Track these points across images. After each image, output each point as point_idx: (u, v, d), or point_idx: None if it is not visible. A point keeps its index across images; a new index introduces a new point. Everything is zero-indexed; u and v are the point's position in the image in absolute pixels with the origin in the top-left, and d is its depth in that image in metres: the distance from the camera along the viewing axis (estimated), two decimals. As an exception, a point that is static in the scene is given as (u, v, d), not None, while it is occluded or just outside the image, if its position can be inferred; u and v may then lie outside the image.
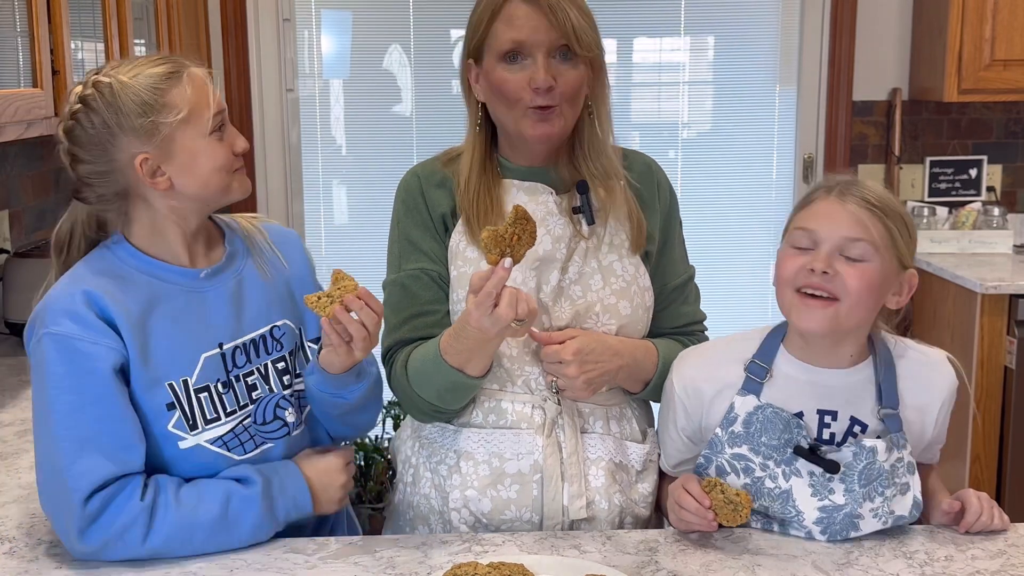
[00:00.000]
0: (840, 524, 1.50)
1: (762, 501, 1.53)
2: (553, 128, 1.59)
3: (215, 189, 1.50)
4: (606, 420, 1.67)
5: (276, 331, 1.58)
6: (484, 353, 1.54)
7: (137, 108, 1.43)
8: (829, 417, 1.51)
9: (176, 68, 1.47)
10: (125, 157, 1.44)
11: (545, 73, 1.55)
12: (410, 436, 1.74)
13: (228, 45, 3.61)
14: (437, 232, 1.66)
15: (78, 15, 2.34)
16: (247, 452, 1.52)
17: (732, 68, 3.84)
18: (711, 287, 1.77)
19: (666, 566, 1.44)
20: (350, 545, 1.52)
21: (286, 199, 3.78)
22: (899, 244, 1.45)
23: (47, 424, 1.40)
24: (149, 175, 1.45)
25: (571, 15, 1.55)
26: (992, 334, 3.22)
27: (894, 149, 3.74)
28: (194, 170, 1.47)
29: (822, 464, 1.47)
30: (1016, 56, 3.43)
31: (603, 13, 1.65)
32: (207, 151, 1.47)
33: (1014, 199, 3.85)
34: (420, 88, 3.72)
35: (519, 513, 1.62)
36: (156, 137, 1.44)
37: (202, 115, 1.46)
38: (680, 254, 1.77)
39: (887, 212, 1.45)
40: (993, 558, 1.47)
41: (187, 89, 1.45)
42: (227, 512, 1.45)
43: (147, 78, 1.44)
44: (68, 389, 1.39)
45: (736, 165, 3.79)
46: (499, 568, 1.35)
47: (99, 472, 1.39)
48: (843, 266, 1.43)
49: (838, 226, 1.44)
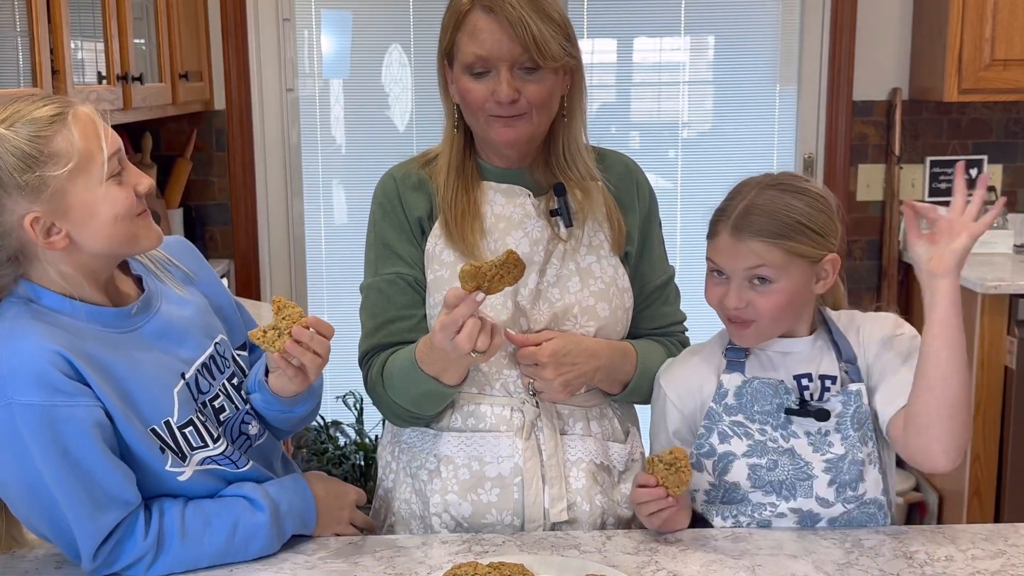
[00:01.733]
0: (848, 473, 1.55)
1: (769, 456, 1.57)
2: (520, 133, 1.57)
3: (121, 240, 1.37)
4: (586, 421, 1.66)
5: (219, 347, 1.52)
6: (458, 366, 1.54)
7: (18, 163, 1.27)
8: (805, 380, 1.59)
9: (60, 109, 1.31)
10: (13, 218, 1.30)
11: (508, 87, 1.53)
12: (390, 441, 1.74)
13: (228, 45, 3.61)
14: (414, 236, 1.65)
15: (78, 15, 2.34)
16: (240, 468, 1.50)
17: (732, 68, 3.84)
18: (708, 286, 1.78)
19: (666, 566, 1.44)
20: (350, 545, 1.52)
21: (286, 199, 3.78)
22: (805, 251, 1.52)
23: (41, 490, 1.32)
24: (43, 235, 1.31)
25: (532, 27, 1.50)
26: (992, 334, 3.22)
27: (894, 149, 3.73)
28: (94, 223, 1.33)
29: (812, 414, 1.55)
30: (1016, 56, 3.42)
31: (603, 13, 1.65)
32: (106, 200, 1.33)
33: (1014, 199, 3.85)
34: (420, 88, 3.72)
35: (500, 517, 1.61)
36: (45, 192, 1.29)
37: (94, 161, 1.31)
38: (660, 254, 1.76)
39: (786, 231, 1.52)
40: (993, 558, 1.47)
41: (73, 133, 1.30)
42: (234, 539, 1.44)
43: (26, 125, 1.28)
44: (53, 457, 1.30)
45: (736, 165, 3.78)
46: (499, 568, 1.35)
47: (106, 524, 1.36)
48: (752, 293, 1.53)
49: (738, 262, 1.53)
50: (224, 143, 3.66)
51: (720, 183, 1.68)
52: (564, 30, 1.56)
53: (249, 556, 1.46)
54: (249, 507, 1.46)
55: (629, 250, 1.69)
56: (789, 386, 1.58)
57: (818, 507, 1.57)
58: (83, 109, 1.34)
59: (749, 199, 1.56)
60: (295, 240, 3.80)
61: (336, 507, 1.56)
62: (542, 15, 1.52)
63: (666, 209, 4.23)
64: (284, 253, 3.79)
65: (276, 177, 3.76)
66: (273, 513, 1.47)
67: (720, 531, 1.57)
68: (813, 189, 1.58)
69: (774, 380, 1.57)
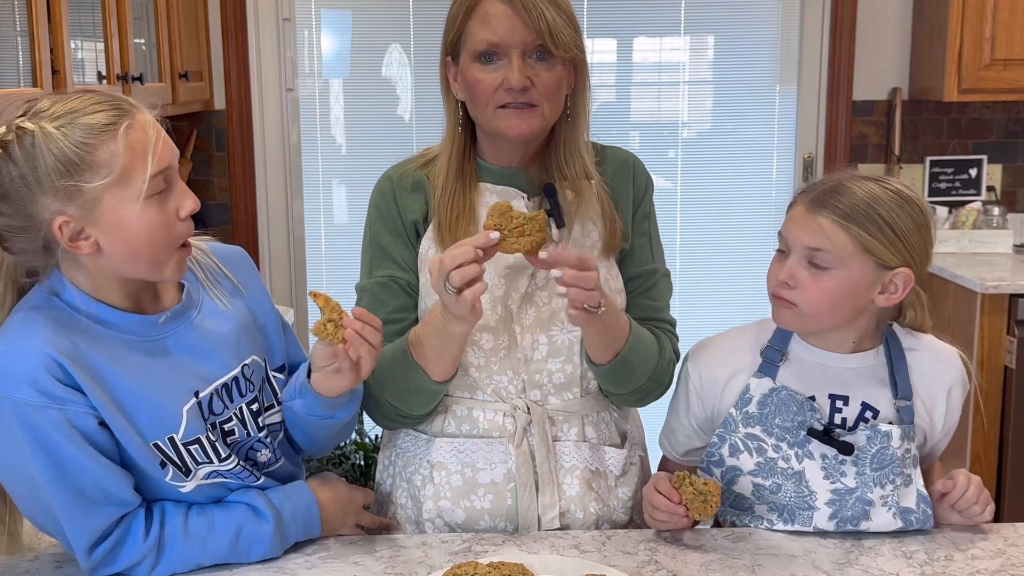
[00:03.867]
0: (851, 509, 1.51)
1: (775, 479, 1.54)
2: (532, 126, 1.55)
3: (144, 263, 1.34)
4: (581, 427, 1.64)
5: (246, 369, 1.48)
6: (446, 344, 1.50)
7: (58, 166, 1.26)
8: (841, 402, 1.53)
9: (116, 118, 1.28)
10: (45, 215, 1.29)
11: (520, 74, 1.51)
12: (386, 445, 1.73)
13: (228, 45, 3.61)
14: (408, 238, 1.64)
15: (78, 15, 2.34)
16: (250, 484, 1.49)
17: (732, 68, 3.84)
18: (710, 286, 1.76)
19: (666, 566, 1.44)
20: (350, 545, 1.52)
21: (286, 199, 3.78)
22: (875, 248, 1.45)
23: (33, 486, 1.33)
24: (69, 239, 1.29)
25: (547, 14, 1.50)
26: (992, 334, 3.22)
27: (894, 149, 3.73)
28: (122, 237, 1.31)
29: (836, 445, 1.50)
30: (1016, 56, 3.43)
31: (603, 13, 1.64)
32: (139, 220, 1.30)
33: (1014, 199, 3.85)
34: (420, 88, 3.72)
35: (493, 523, 1.61)
36: (78, 199, 1.27)
37: (135, 177, 1.29)
38: (646, 246, 1.69)
39: (862, 219, 1.45)
40: (993, 558, 1.47)
41: (120, 146, 1.27)
42: (237, 545, 1.44)
43: (76, 129, 1.26)
44: (44, 456, 1.30)
45: (736, 165, 3.79)
46: (499, 568, 1.35)
47: (97, 524, 1.36)
48: (806, 275, 1.48)
49: (802, 236, 1.48)
50: (224, 143, 3.66)
51: (720, 183, 1.67)
52: (573, 23, 1.56)
53: (251, 560, 1.46)
54: (253, 515, 1.45)
55: (625, 247, 1.67)
56: (818, 404, 1.52)
57: (814, 535, 1.54)
58: (141, 119, 1.31)
59: (841, 180, 1.50)
60: (295, 240, 3.80)
61: (341, 512, 1.55)
62: (554, 5, 1.52)
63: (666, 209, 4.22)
64: (284, 253, 3.79)
65: (276, 177, 3.76)
66: (277, 521, 1.46)
67: (720, 531, 1.56)
68: (914, 197, 1.49)
69: (801, 397, 1.52)
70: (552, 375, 1.61)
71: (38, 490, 1.33)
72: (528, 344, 1.60)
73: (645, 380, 1.61)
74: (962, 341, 3.30)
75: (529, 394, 1.61)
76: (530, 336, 1.60)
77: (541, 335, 1.61)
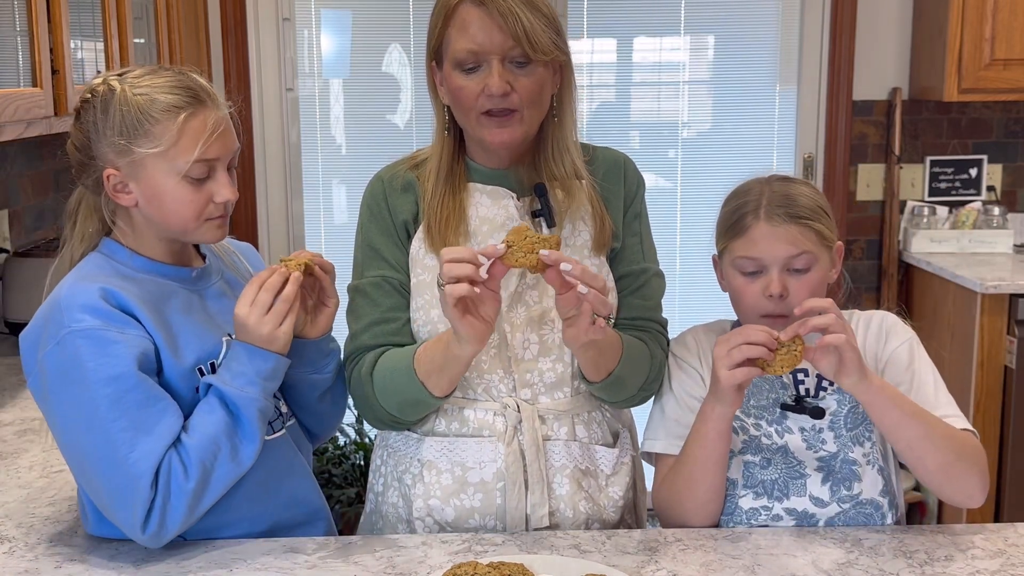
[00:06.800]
0: (840, 472, 1.56)
1: (763, 455, 1.58)
2: (514, 133, 1.56)
3: (176, 230, 1.49)
4: (571, 426, 1.64)
5: None
6: (447, 362, 1.52)
7: (120, 125, 1.42)
8: (801, 375, 1.60)
9: (185, 102, 1.43)
10: (99, 163, 1.46)
11: (500, 80, 1.52)
12: (379, 445, 1.74)
13: (228, 45, 3.61)
14: (400, 239, 1.65)
15: (78, 15, 2.34)
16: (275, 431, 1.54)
17: (732, 68, 3.84)
18: (710, 286, 1.75)
19: (666, 566, 1.44)
20: (350, 545, 1.52)
21: (286, 199, 3.78)
22: (826, 233, 1.56)
23: (94, 420, 1.38)
24: (113, 189, 1.46)
25: (523, 19, 1.50)
26: (992, 334, 3.22)
27: (894, 149, 3.74)
28: (156, 203, 1.46)
29: (808, 411, 1.56)
30: (1016, 56, 3.43)
31: (603, 13, 1.64)
32: (174, 193, 1.45)
33: (1014, 199, 3.85)
34: (420, 88, 3.72)
35: (483, 521, 1.61)
36: (127, 157, 1.43)
37: (181, 156, 1.43)
38: (636, 245, 1.69)
39: (812, 215, 1.55)
40: (993, 558, 1.47)
41: (176, 127, 1.42)
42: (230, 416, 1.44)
43: (146, 100, 1.42)
44: (108, 380, 1.38)
45: (736, 165, 3.78)
46: (499, 568, 1.35)
47: (156, 452, 1.38)
48: (792, 281, 1.54)
49: (778, 249, 1.54)
50: (224, 143, 3.65)
51: (720, 183, 1.68)
52: (554, 24, 1.56)
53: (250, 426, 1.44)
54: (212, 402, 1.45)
55: (615, 246, 1.67)
56: (786, 381, 1.60)
57: (813, 507, 1.56)
58: (207, 111, 1.44)
59: (766, 192, 1.59)
60: (295, 240, 3.80)
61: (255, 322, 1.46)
62: (531, 8, 1.52)
63: (666, 209, 4.22)
64: (284, 253, 3.79)
65: (276, 177, 3.76)
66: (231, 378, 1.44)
67: (720, 531, 1.57)
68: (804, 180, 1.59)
69: (770, 376, 1.58)
70: (543, 374, 1.62)
71: (102, 424, 1.37)
72: (519, 343, 1.61)
73: (636, 390, 1.65)
74: (962, 341, 3.32)
75: (519, 393, 1.62)
76: (521, 335, 1.61)
77: (532, 334, 1.61)
